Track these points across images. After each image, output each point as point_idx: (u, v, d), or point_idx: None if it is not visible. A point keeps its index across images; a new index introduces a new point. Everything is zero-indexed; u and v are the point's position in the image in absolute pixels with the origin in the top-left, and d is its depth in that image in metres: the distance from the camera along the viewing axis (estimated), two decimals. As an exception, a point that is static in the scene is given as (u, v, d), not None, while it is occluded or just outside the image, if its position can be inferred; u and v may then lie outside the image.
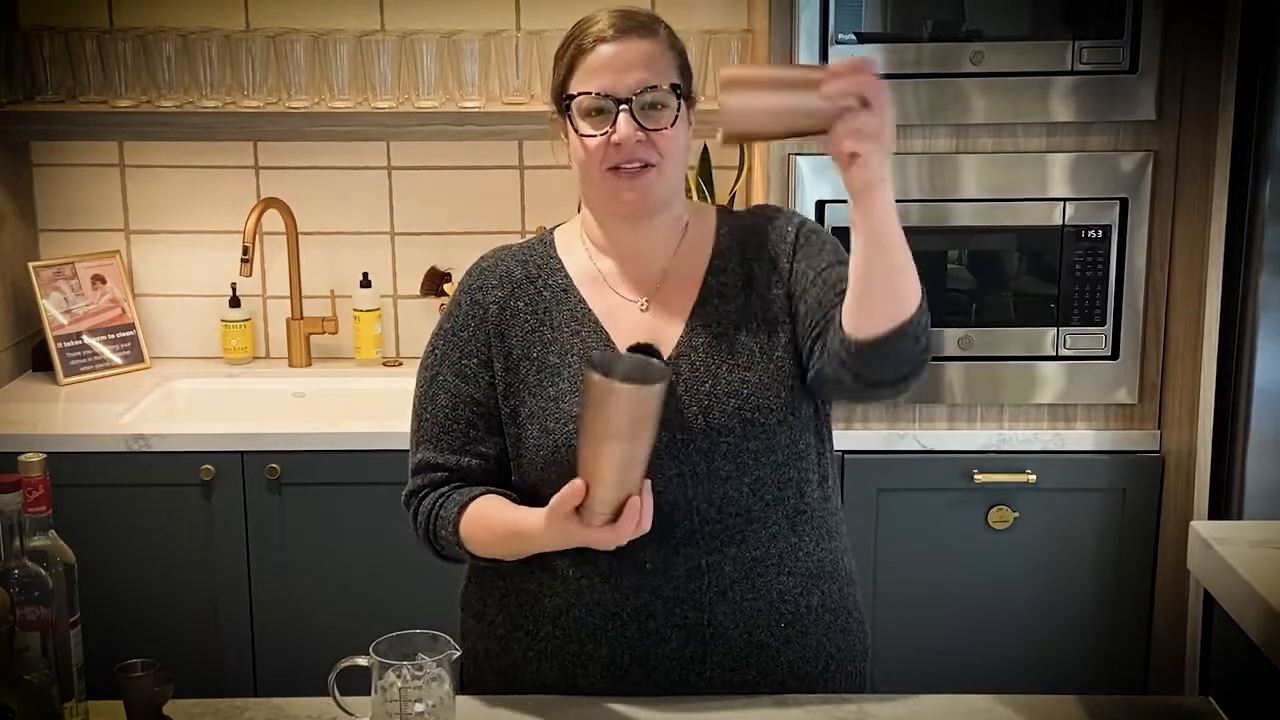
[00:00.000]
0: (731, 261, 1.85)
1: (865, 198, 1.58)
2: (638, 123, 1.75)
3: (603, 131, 1.76)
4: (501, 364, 1.84)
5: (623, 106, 1.75)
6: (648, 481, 1.64)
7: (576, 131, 1.78)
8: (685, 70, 1.83)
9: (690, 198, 3.00)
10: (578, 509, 1.64)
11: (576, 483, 1.63)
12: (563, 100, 1.80)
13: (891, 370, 1.68)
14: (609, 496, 1.63)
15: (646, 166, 1.77)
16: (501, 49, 3.13)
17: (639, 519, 1.64)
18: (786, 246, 1.84)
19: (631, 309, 1.84)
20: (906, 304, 1.62)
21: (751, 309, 1.82)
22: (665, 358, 1.80)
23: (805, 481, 1.82)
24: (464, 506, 1.81)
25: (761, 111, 1.59)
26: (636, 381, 1.60)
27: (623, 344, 1.81)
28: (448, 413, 1.86)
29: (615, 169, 1.76)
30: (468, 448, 1.85)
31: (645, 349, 1.79)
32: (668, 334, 1.82)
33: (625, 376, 1.62)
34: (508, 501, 1.81)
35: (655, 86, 1.76)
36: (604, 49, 1.77)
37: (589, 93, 1.76)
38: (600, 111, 1.76)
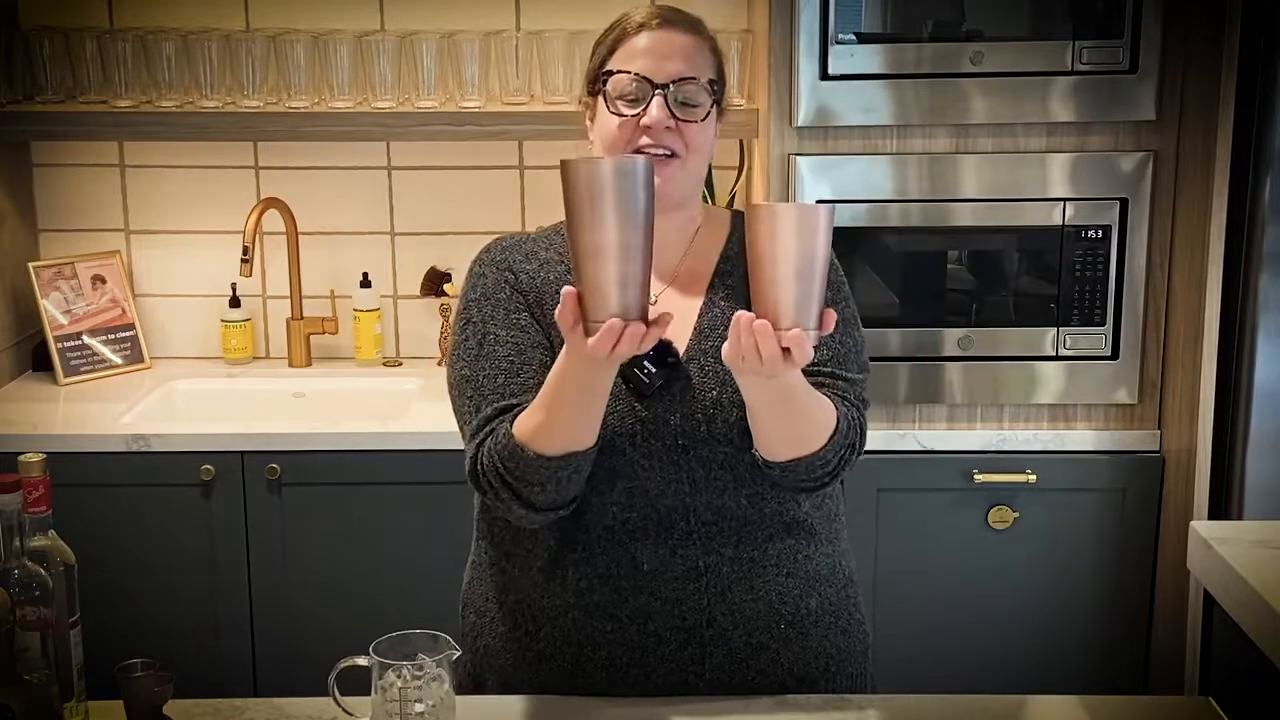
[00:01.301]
0: (740, 264, 1.85)
1: (773, 383, 1.62)
2: (670, 111, 1.76)
3: (635, 113, 1.76)
4: (544, 328, 1.80)
5: (658, 91, 1.76)
6: (662, 316, 1.56)
7: (608, 109, 1.78)
8: (721, 76, 1.84)
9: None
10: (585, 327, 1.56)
11: (568, 289, 1.54)
12: (598, 79, 1.80)
13: (802, 484, 1.76)
14: (602, 302, 1.52)
15: (672, 156, 1.77)
16: (501, 49, 3.13)
17: (618, 337, 1.52)
18: None
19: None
20: (814, 442, 1.71)
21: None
22: (680, 356, 1.80)
23: (801, 494, 1.82)
24: (515, 418, 1.71)
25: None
26: None
27: None
28: (513, 360, 1.77)
29: (639, 153, 1.76)
30: (538, 383, 1.71)
31: (663, 345, 1.78)
32: (676, 332, 1.81)
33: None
34: None
35: (694, 79, 1.77)
36: (647, 35, 1.78)
37: (626, 72, 1.77)
38: (635, 95, 1.77)
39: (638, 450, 1.76)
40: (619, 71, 1.78)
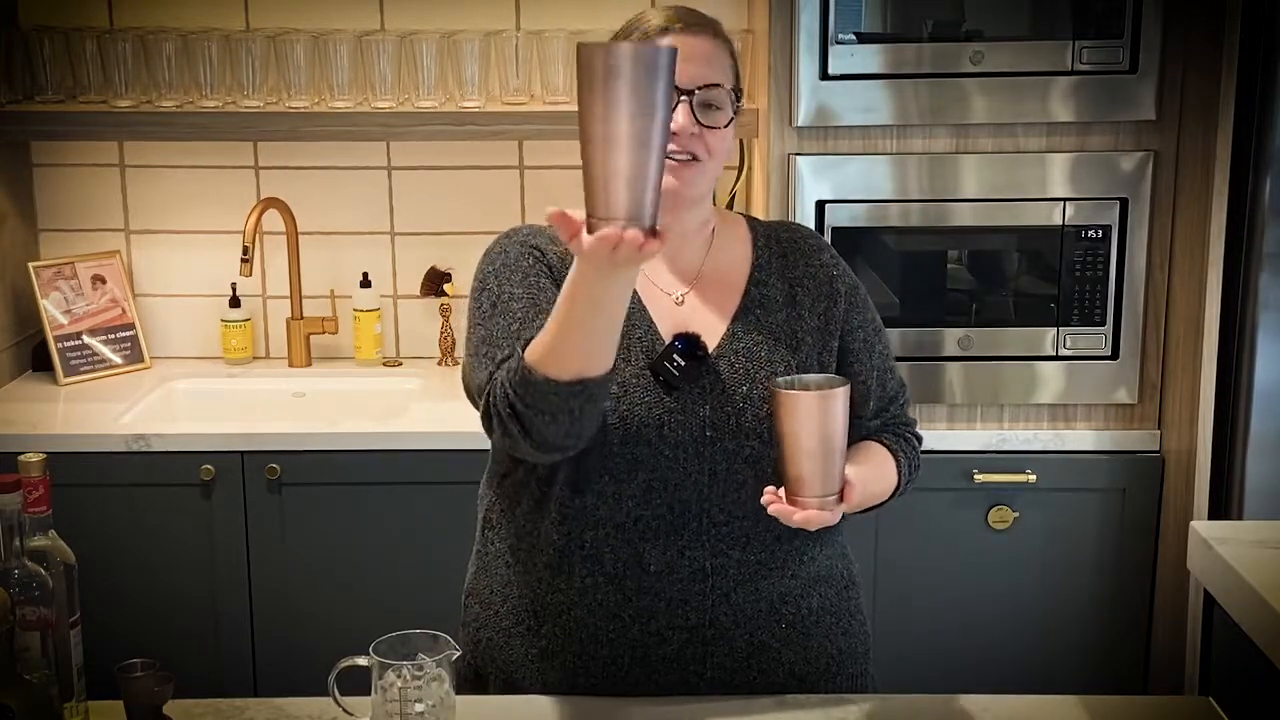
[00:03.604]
0: (773, 275, 1.88)
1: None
2: (695, 116, 1.76)
3: None
4: None
5: (684, 98, 1.75)
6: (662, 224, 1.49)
7: None
8: (739, 77, 1.84)
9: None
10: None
11: (552, 210, 1.49)
12: None
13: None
14: (604, 186, 1.44)
15: (694, 160, 1.77)
16: (501, 49, 3.13)
17: (618, 241, 1.44)
18: (833, 289, 1.90)
19: (666, 301, 1.84)
20: (881, 497, 1.88)
21: (791, 327, 1.85)
22: (710, 351, 1.80)
23: None
24: (524, 346, 1.66)
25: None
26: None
27: (663, 329, 1.81)
28: (527, 309, 1.74)
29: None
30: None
31: (692, 339, 1.80)
32: (708, 333, 1.82)
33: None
34: None
35: (719, 85, 1.78)
36: (671, 39, 1.77)
37: None
38: None
39: (664, 440, 1.76)
40: None
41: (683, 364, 1.77)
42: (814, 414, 1.65)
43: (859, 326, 1.90)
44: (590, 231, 1.45)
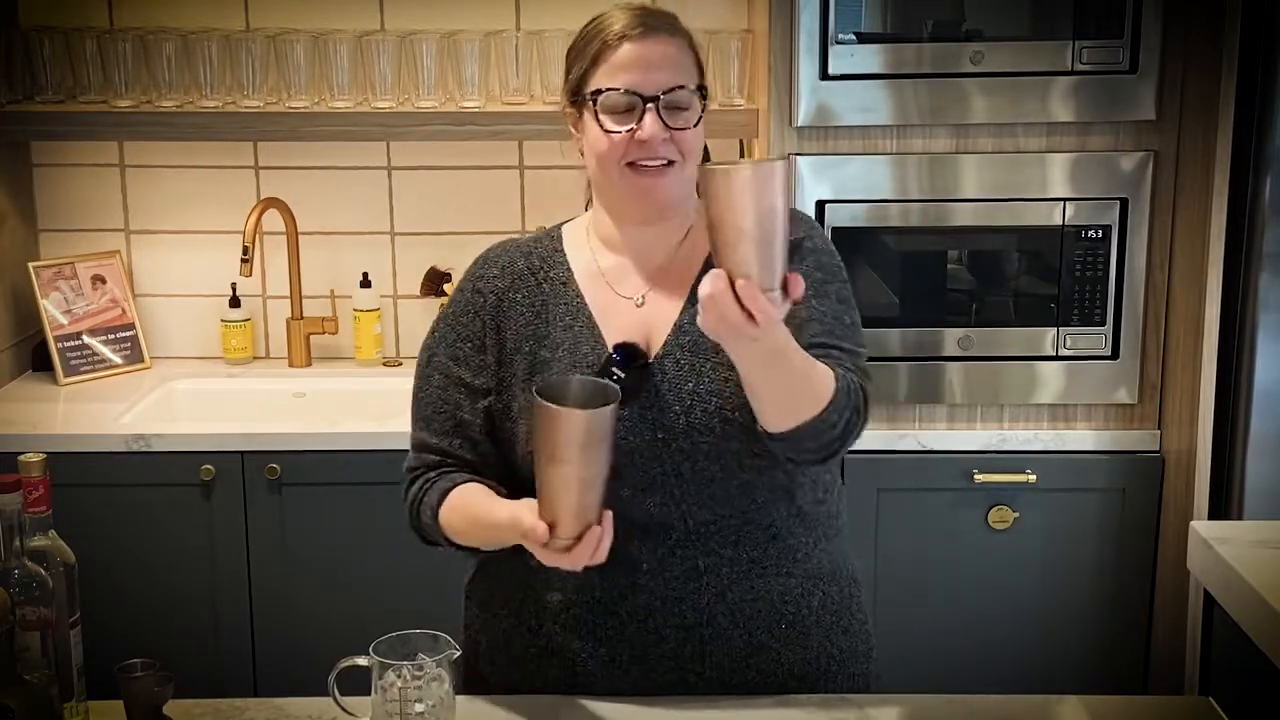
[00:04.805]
0: None
1: (758, 346, 1.59)
2: (663, 121, 1.76)
3: (628, 128, 1.76)
4: (495, 356, 1.85)
5: (649, 105, 1.75)
6: (609, 513, 1.65)
7: (601, 127, 1.77)
8: (702, 72, 1.84)
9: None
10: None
11: (540, 526, 1.63)
12: (582, 95, 1.80)
13: (811, 454, 1.73)
14: (567, 523, 1.63)
15: (669, 164, 1.77)
16: (501, 49, 3.13)
17: (595, 549, 1.64)
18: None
19: (627, 306, 1.84)
20: (814, 405, 1.66)
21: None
22: (651, 357, 1.80)
23: (796, 485, 1.82)
24: (445, 493, 1.83)
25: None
26: (586, 405, 1.61)
27: (612, 341, 1.81)
28: (439, 394, 1.88)
29: (633, 165, 1.76)
30: (457, 430, 1.86)
31: (630, 349, 1.80)
32: (658, 331, 1.82)
33: (577, 400, 1.63)
34: (489, 492, 1.81)
35: (682, 87, 1.77)
36: (630, 46, 1.77)
37: (616, 89, 1.76)
38: (626, 108, 1.76)
39: (623, 450, 1.75)
40: (608, 89, 1.77)
41: (622, 375, 1.77)
42: (748, 191, 1.48)
43: (809, 273, 1.79)
44: (549, 545, 1.65)
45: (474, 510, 1.80)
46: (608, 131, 1.77)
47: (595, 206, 1.89)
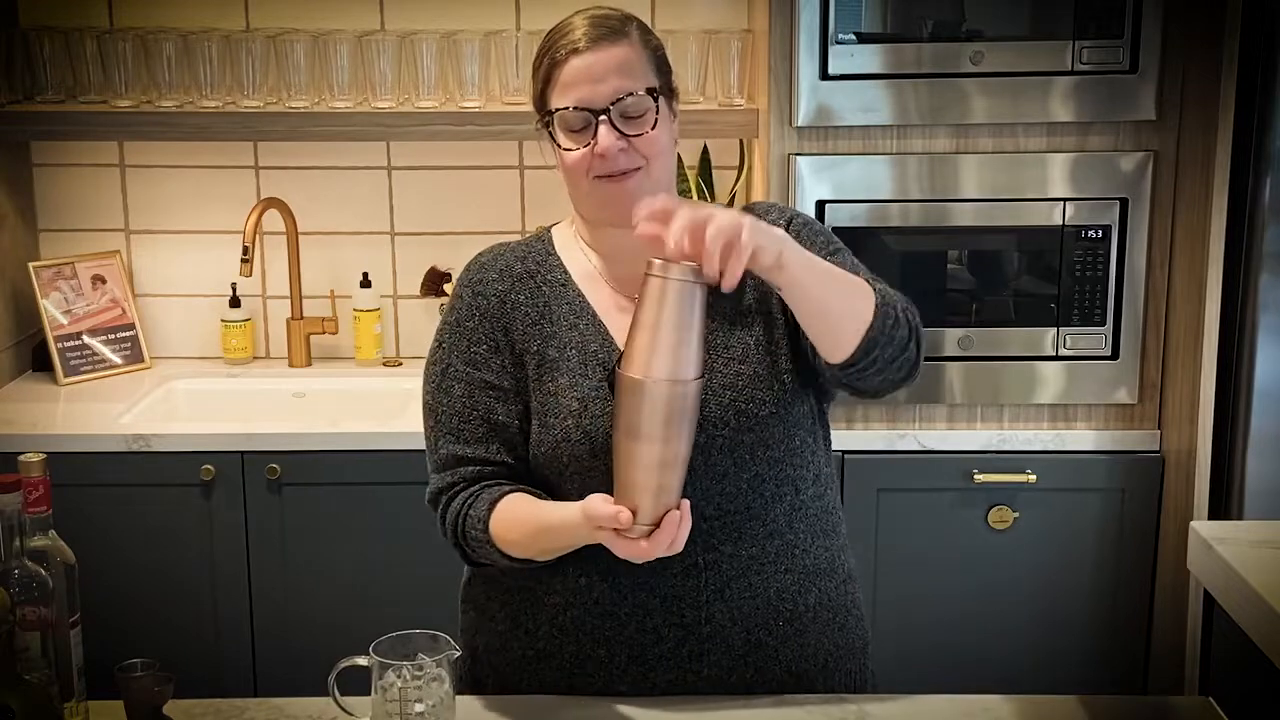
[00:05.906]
0: None
1: (773, 272, 1.61)
2: (619, 131, 1.75)
3: (585, 144, 1.76)
4: (508, 356, 1.84)
5: (601, 118, 1.74)
6: (686, 502, 1.63)
7: (559, 145, 1.78)
8: (662, 65, 1.82)
9: (690, 197, 3.02)
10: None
11: (623, 510, 1.61)
12: (543, 114, 1.80)
13: (881, 378, 1.74)
14: (647, 507, 1.61)
15: (634, 170, 1.77)
16: (501, 49, 3.13)
17: (675, 536, 1.62)
18: None
19: (627, 303, 1.84)
20: (859, 322, 1.67)
21: (747, 304, 1.83)
22: None
23: (801, 478, 1.83)
24: (494, 504, 1.77)
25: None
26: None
27: (620, 339, 1.81)
28: (465, 402, 1.83)
29: (601, 177, 1.76)
30: (493, 434, 1.81)
31: None
32: None
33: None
34: (536, 499, 1.79)
35: (631, 93, 1.75)
36: (576, 61, 1.76)
37: (566, 107, 1.76)
38: (581, 125, 1.76)
39: None
40: (559, 109, 1.76)
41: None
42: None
43: (807, 244, 1.79)
44: (622, 533, 1.62)
45: (531, 518, 1.75)
46: (567, 150, 1.77)
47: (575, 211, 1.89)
